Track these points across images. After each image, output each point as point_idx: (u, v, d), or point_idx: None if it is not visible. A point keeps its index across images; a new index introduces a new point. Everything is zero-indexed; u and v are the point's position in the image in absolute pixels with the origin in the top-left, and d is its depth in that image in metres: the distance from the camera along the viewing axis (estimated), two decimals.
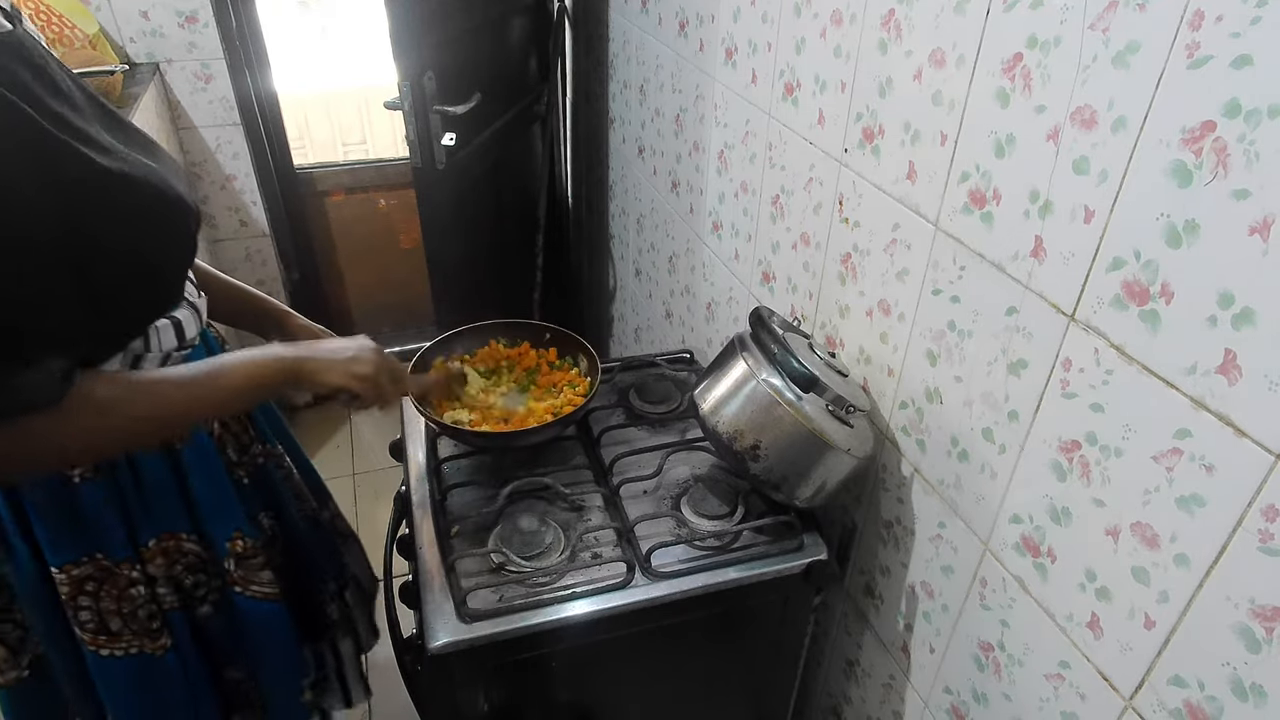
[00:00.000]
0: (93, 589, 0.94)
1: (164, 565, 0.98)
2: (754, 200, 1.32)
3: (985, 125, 0.79)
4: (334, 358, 0.93)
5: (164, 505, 0.96)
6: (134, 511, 0.94)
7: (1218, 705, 0.63)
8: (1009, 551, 0.85)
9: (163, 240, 0.82)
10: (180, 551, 0.99)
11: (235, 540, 1.02)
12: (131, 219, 0.77)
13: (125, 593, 0.95)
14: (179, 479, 0.97)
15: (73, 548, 0.91)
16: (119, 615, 0.96)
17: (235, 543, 1.03)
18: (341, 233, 2.76)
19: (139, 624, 0.97)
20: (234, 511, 1.03)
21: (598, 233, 2.43)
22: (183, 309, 0.91)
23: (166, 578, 0.98)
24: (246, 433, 1.08)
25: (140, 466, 0.93)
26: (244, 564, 1.04)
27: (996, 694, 0.90)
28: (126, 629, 0.97)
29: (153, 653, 0.99)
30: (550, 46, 2.22)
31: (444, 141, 1.80)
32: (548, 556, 1.02)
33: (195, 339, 0.94)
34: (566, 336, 1.32)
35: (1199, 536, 0.62)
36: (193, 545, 1.00)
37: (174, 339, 0.89)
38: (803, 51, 1.10)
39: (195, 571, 1.01)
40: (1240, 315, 0.57)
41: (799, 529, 1.07)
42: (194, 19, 2.04)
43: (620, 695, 1.16)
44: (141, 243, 0.79)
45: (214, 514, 1.01)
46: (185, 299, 0.93)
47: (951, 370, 0.89)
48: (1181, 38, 0.58)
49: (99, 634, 0.96)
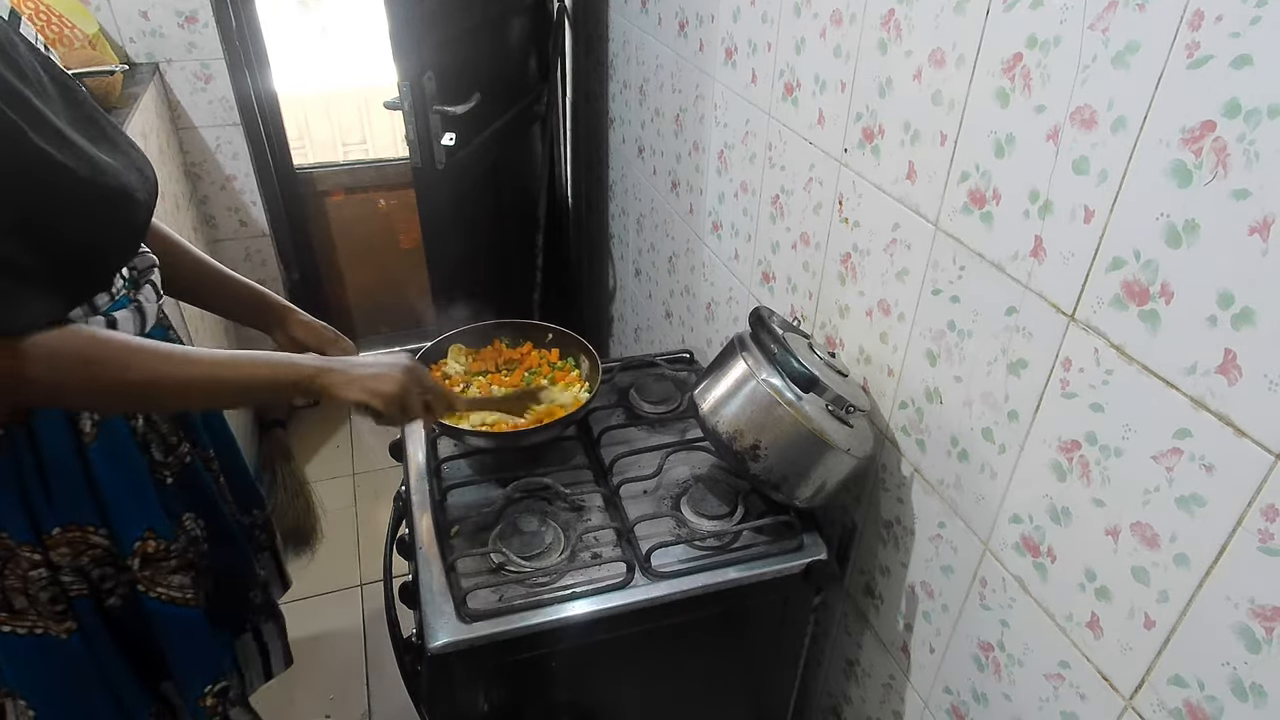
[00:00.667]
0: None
1: (69, 554, 0.95)
2: (754, 200, 1.32)
3: (985, 125, 0.79)
4: (354, 374, 0.91)
5: (68, 495, 0.93)
6: (35, 497, 0.91)
7: (1218, 705, 0.63)
8: (1009, 551, 0.85)
9: (98, 232, 0.83)
10: (87, 544, 0.97)
11: (146, 540, 1.00)
12: (71, 209, 0.78)
13: (27, 574, 0.93)
14: (85, 470, 0.94)
15: None
16: (24, 594, 0.94)
17: (146, 543, 1.00)
18: (341, 233, 2.76)
19: (42, 606, 0.95)
20: (148, 510, 1.01)
21: (598, 233, 2.43)
22: (125, 310, 0.90)
23: (72, 567, 0.96)
24: (175, 433, 1.06)
25: (43, 452, 0.90)
26: (152, 565, 1.02)
27: (996, 694, 0.90)
28: (31, 609, 0.95)
29: (57, 635, 0.97)
30: (550, 46, 2.22)
31: (444, 141, 1.80)
32: (548, 556, 1.02)
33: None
34: (568, 337, 1.32)
35: (1199, 536, 0.62)
36: (100, 539, 0.97)
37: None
38: (803, 51, 1.10)
39: (102, 564, 0.99)
40: (1240, 315, 0.57)
41: (799, 529, 1.07)
42: (194, 19, 2.04)
43: (620, 695, 1.16)
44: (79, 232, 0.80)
45: (124, 511, 0.98)
46: (138, 300, 0.92)
47: (951, 370, 0.89)
48: (1181, 38, 0.58)
49: (1, 609, 0.93)
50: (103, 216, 0.82)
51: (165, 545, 1.02)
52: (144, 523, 1.00)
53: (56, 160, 0.75)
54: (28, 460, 0.90)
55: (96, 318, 0.86)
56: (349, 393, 0.90)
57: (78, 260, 0.81)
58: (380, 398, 0.91)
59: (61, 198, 0.77)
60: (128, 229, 0.87)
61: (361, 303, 2.91)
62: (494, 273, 2.36)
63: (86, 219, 0.80)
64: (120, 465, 0.97)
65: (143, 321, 0.93)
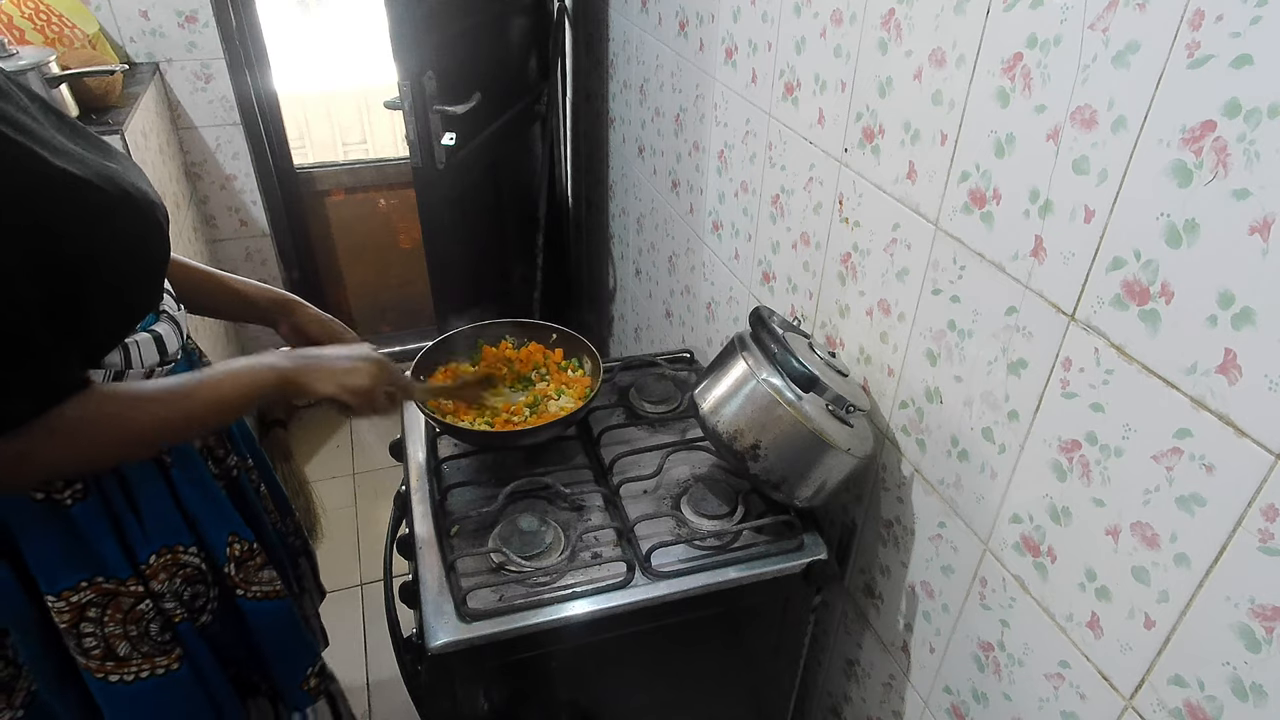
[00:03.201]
0: (95, 614, 0.90)
1: (166, 580, 0.95)
2: (754, 200, 1.32)
3: (985, 125, 0.79)
4: (328, 368, 0.92)
5: (160, 519, 0.94)
6: (130, 529, 0.91)
7: (1218, 705, 0.63)
8: (1009, 551, 0.85)
9: (130, 243, 0.80)
10: (178, 564, 0.97)
11: (232, 545, 1.02)
12: (94, 221, 0.75)
13: (132, 612, 0.92)
14: (172, 491, 0.95)
15: (69, 573, 0.88)
16: (125, 639, 0.93)
17: (233, 547, 1.02)
18: (341, 232, 2.76)
19: (150, 643, 0.95)
20: (227, 517, 1.02)
21: (598, 232, 2.43)
22: (163, 323, 0.90)
23: (170, 592, 0.96)
24: (222, 445, 1.07)
25: (131, 483, 0.90)
26: (243, 567, 1.03)
27: (996, 694, 0.90)
28: (135, 651, 0.94)
29: (167, 669, 0.96)
30: (550, 46, 2.22)
31: (444, 141, 1.80)
32: (548, 556, 1.02)
33: (178, 353, 0.92)
34: (573, 338, 1.32)
35: (1199, 536, 0.62)
36: (191, 557, 0.98)
37: (155, 354, 0.87)
38: (803, 51, 1.10)
39: (194, 583, 1.00)
40: (1240, 315, 0.57)
41: (799, 529, 1.07)
42: (194, 19, 2.04)
43: (620, 695, 1.16)
44: (108, 247, 0.77)
45: (209, 521, 1.00)
46: (165, 312, 0.92)
47: (951, 370, 0.89)
48: (1181, 37, 0.58)
49: (106, 659, 0.92)
50: (131, 230, 0.80)
51: (249, 545, 1.04)
52: (226, 528, 1.02)
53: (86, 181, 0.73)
54: (116, 493, 0.89)
55: (143, 335, 0.86)
56: (322, 388, 0.91)
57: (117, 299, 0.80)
58: (352, 393, 0.92)
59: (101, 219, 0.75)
60: (159, 233, 0.86)
61: (361, 302, 2.91)
62: (494, 272, 2.36)
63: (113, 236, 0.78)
64: (196, 479, 0.98)
65: (179, 330, 0.93)
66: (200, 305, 1.09)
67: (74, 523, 0.86)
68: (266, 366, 0.88)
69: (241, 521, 1.04)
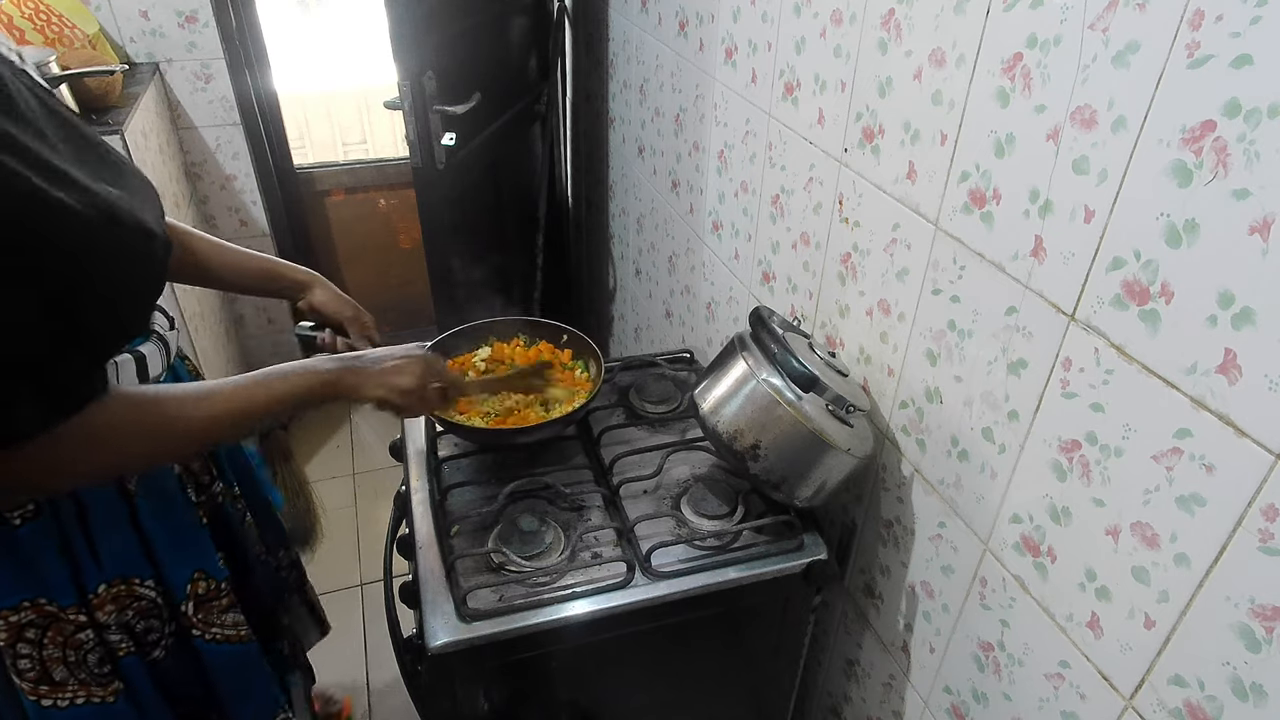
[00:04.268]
0: (34, 636, 0.88)
1: (114, 611, 0.92)
2: (754, 200, 1.32)
3: (985, 125, 0.79)
4: (374, 370, 0.90)
5: (116, 549, 0.91)
6: (81, 556, 0.88)
7: (1218, 705, 0.63)
8: (1009, 551, 0.85)
9: (116, 272, 0.75)
10: (133, 596, 0.94)
11: (196, 582, 0.99)
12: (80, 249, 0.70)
13: (72, 639, 0.90)
14: (133, 521, 0.92)
15: (10, 593, 0.86)
16: (64, 664, 0.91)
17: (197, 584, 0.99)
18: (341, 232, 2.76)
19: (87, 671, 0.92)
20: (197, 551, 0.99)
21: (598, 232, 2.43)
22: (150, 343, 0.89)
23: (118, 624, 0.93)
24: (208, 471, 1.05)
25: (88, 508, 0.88)
26: (205, 606, 1.00)
27: (996, 694, 0.90)
28: (72, 678, 0.91)
29: (103, 700, 0.93)
30: (550, 46, 2.22)
31: (444, 141, 1.80)
32: (548, 556, 1.02)
33: (160, 375, 0.90)
34: (580, 340, 1.32)
35: (1199, 536, 0.62)
36: (146, 590, 0.95)
37: (133, 374, 0.86)
38: (803, 51, 1.10)
39: (147, 617, 0.96)
40: (1240, 315, 0.57)
41: (799, 529, 1.07)
42: (194, 19, 2.04)
43: (620, 695, 1.16)
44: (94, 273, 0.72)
45: (174, 556, 0.97)
46: (155, 332, 0.90)
47: (951, 370, 0.89)
48: (1181, 37, 0.58)
49: (40, 683, 0.90)
50: (127, 260, 0.76)
51: (215, 584, 1.01)
52: (194, 564, 0.99)
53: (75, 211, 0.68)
54: (69, 516, 0.86)
55: (124, 355, 0.85)
56: (371, 392, 0.90)
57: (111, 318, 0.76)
58: (401, 393, 0.91)
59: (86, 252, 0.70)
60: (152, 266, 0.81)
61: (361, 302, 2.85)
62: (494, 272, 2.36)
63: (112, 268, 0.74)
64: (168, 508, 0.95)
65: (167, 353, 0.92)
66: (221, 282, 1.10)
67: (20, 543, 0.84)
68: (313, 370, 0.87)
69: (214, 558, 1.01)
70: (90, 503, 0.88)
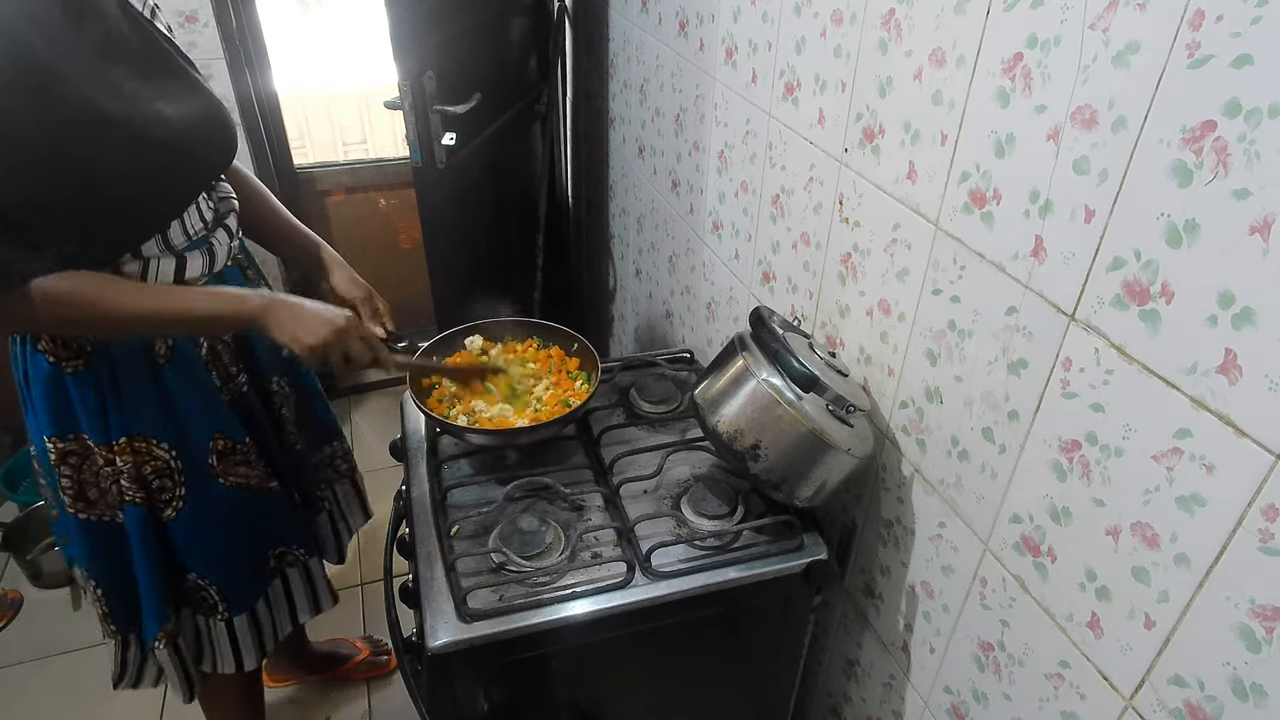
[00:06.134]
0: (75, 462, 1.09)
1: (131, 463, 1.08)
2: (754, 200, 1.32)
3: (985, 125, 0.79)
4: (290, 316, 1.02)
5: (138, 410, 1.07)
6: (110, 408, 1.06)
7: (1218, 705, 0.63)
8: (1009, 551, 0.85)
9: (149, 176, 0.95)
10: (150, 455, 1.10)
11: (217, 440, 1.14)
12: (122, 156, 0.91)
13: (101, 471, 1.09)
14: (157, 389, 1.08)
15: (59, 425, 1.06)
16: (96, 487, 1.11)
17: (217, 442, 1.15)
18: (341, 232, 2.76)
19: (111, 498, 1.11)
20: (218, 417, 1.14)
21: (598, 232, 2.43)
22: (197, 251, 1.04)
23: (133, 475, 1.09)
24: (236, 363, 1.18)
25: (119, 370, 1.05)
26: (225, 459, 1.16)
27: (996, 694, 0.90)
28: (102, 500, 1.11)
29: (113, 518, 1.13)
30: (550, 46, 2.22)
31: (444, 141, 1.80)
32: (548, 556, 1.02)
33: (200, 279, 1.05)
34: (588, 348, 1.32)
35: (1199, 536, 0.62)
36: (162, 452, 1.11)
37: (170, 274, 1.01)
38: (803, 51, 1.10)
39: (161, 476, 1.12)
40: (1240, 315, 0.57)
41: (799, 529, 1.07)
42: (194, 19, 2.04)
43: (620, 695, 1.16)
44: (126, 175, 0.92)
45: (198, 420, 1.12)
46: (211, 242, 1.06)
47: (951, 370, 0.89)
48: (1182, 37, 0.58)
49: (77, 500, 1.11)
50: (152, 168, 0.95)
51: (233, 444, 1.17)
52: (215, 427, 1.14)
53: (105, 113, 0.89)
54: (106, 374, 1.05)
55: (169, 257, 1.01)
56: (278, 334, 1.02)
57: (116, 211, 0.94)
58: (302, 347, 1.02)
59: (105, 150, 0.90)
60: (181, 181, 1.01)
61: None
62: (494, 272, 2.36)
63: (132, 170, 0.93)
64: (192, 382, 1.11)
65: (212, 262, 1.07)
66: (268, 244, 1.29)
67: (68, 388, 1.04)
68: (241, 299, 1.02)
69: (234, 423, 1.15)
70: (123, 366, 1.05)
